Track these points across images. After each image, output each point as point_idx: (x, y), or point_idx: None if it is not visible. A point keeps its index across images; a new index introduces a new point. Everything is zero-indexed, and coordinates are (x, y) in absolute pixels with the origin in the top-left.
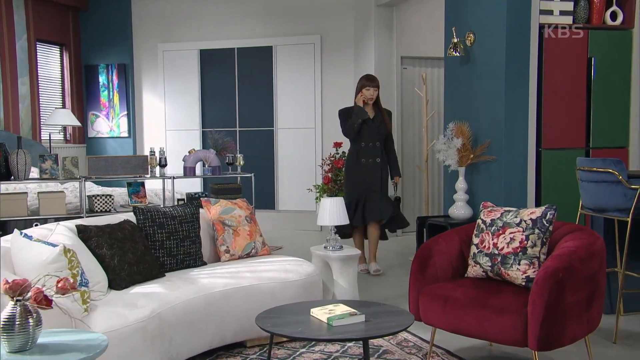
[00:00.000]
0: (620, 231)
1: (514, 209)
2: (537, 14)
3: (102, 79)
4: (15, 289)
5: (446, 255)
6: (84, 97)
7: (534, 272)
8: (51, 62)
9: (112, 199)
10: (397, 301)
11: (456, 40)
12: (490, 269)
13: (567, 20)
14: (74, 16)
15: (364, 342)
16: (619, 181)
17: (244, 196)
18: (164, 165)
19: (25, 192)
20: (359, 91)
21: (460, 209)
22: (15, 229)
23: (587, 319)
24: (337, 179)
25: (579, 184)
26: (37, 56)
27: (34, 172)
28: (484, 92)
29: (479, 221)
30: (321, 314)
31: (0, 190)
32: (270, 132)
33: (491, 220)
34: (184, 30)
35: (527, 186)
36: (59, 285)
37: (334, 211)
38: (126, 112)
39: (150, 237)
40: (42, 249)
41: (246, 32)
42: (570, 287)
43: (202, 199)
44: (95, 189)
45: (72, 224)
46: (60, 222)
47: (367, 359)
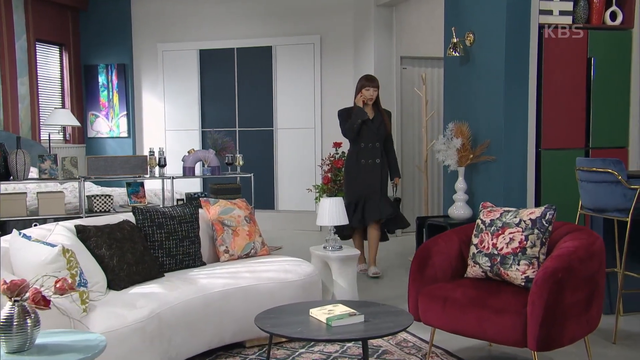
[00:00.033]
0: (619, 231)
1: (514, 209)
2: (537, 14)
3: (102, 79)
4: (13, 290)
5: (445, 255)
6: (83, 97)
7: (534, 272)
8: (51, 62)
9: (112, 199)
10: (396, 301)
11: (456, 40)
12: (489, 269)
13: (567, 20)
14: (73, 16)
15: (363, 342)
16: (618, 181)
17: (244, 196)
18: (163, 165)
19: (24, 192)
20: (359, 91)
21: (459, 209)
22: (14, 229)
23: (586, 319)
24: (337, 179)
25: (579, 184)
26: (37, 56)
27: (33, 172)
28: (484, 92)
29: (479, 221)
30: (320, 314)
31: None
32: (269, 132)
33: (490, 220)
34: (184, 30)
35: (526, 186)
36: (57, 285)
37: (333, 211)
38: (126, 112)
39: (149, 237)
40: (41, 249)
41: (246, 32)
42: (569, 287)
43: (202, 199)
44: (94, 189)
45: (71, 224)
46: (59, 222)
47: (366, 359)
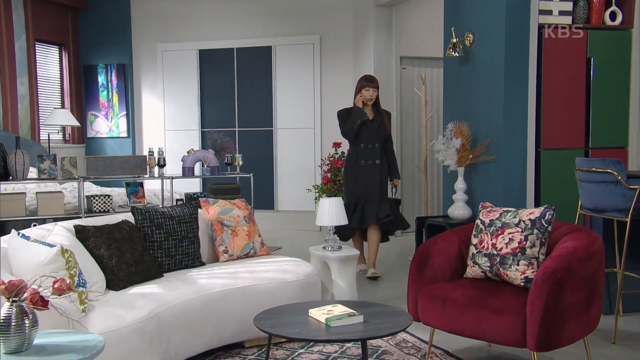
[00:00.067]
0: (619, 231)
1: (513, 209)
2: (537, 14)
3: (101, 79)
4: (11, 290)
5: (445, 255)
6: (83, 97)
7: (533, 272)
8: (50, 62)
9: (111, 199)
10: (396, 302)
11: (455, 40)
12: (489, 269)
13: (567, 20)
14: (73, 16)
15: (363, 342)
16: (618, 181)
17: (243, 196)
18: (162, 165)
19: (23, 193)
20: (358, 92)
21: (459, 209)
22: (12, 229)
23: (586, 320)
24: (336, 179)
25: (578, 184)
26: (36, 56)
27: (33, 172)
28: (483, 92)
29: (478, 221)
30: (319, 314)
31: None
32: (269, 132)
33: (490, 220)
34: (183, 30)
35: (526, 186)
36: (55, 286)
37: (332, 211)
38: (125, 112)
39: (148, 237)
40: (40, 249)
41: (245, 32)
42: (569, 287)
43: (201, 199)
44: (94, 189)
45: (70, 224)
46: (58, 222)
47: (366, 359)
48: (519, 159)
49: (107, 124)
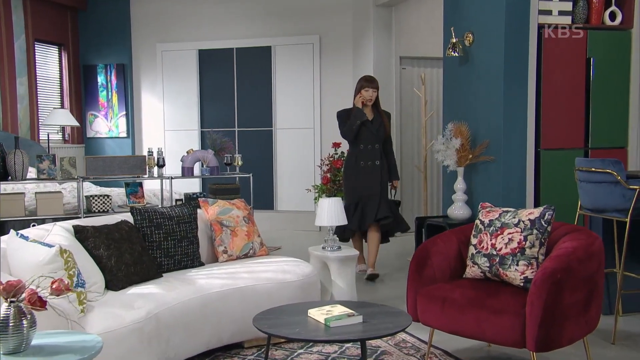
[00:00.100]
0: (619, 232)
1: (513, 210)
2: (536, 14)
3: (101, 79)
4: (9, 290)
5: (444, 256)
6: (82, 97)
7: (532, 272)
8: (49, 62)
9: (110, 200)
10: (395, 302)
11: (455, 40)
12: (488, 269)
13: (566, 20)
14: (72, 16)
15: (362, 343)
16: (617, 182)
17: (243, 196)
18: (162, 165)
19: (22, 193)
20: (358, 92)
21: (458, 210)
22: (11, 230)
23: (585, 320)
24: (336, 179)
25: (578, 185)
26: (36, 56)
27: (32, 173)
28: (483, 92)
29: (478, 222)
30: (319, 314)
31: None
32: (269, 133)
33: (489, 220)
34: (183, 30)
35: (525, 186)
36: (54, 286)
37: (332, 211)
38: (125, 112)
39: (147, 237)
40: (38, 249)
41: (245, 32)
42: (568, 287)
43: (200, 199)
44: (93, 189)
45: (69, 224)
46: (57, 222)
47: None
48: (519, 159)
49: (106, 124)
